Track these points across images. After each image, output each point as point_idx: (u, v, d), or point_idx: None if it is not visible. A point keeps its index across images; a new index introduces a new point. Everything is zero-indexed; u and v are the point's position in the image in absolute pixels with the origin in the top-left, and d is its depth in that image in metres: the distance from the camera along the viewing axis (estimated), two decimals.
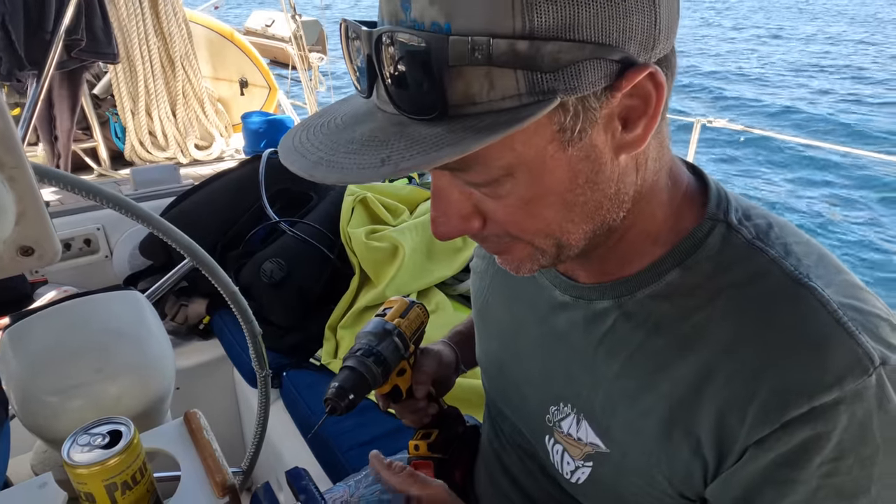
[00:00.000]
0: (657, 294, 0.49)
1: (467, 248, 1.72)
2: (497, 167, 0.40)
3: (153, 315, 0.84)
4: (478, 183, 0.42)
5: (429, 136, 0.36)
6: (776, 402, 0.41)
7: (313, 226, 1.69)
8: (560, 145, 0.40)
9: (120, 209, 0.80)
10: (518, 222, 0.44)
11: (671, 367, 0.47)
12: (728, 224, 0.48)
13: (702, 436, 0.46)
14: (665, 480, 0.49)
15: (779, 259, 0.46)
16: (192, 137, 2.64)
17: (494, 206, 0.44)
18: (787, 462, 0.42)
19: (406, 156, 0.36)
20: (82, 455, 0.58)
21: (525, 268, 0.49)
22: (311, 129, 0.43)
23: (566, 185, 0.42)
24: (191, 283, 1.76)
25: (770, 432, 0.42)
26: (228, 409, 1.76)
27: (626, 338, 0.50)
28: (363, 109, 0.42)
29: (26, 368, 0.73)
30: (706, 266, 0.47)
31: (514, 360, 0.64)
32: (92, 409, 0.73)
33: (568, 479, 0.57)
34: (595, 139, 0.40)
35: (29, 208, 0.46)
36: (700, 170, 0.54)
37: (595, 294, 0.53)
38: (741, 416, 0.43)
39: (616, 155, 0.42)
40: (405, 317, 0.73)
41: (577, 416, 0.55)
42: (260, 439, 1.18)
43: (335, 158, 0.38)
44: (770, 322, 0.44)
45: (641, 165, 0.45)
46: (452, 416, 0.82)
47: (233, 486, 0.63)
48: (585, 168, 0.41)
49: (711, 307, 0.46)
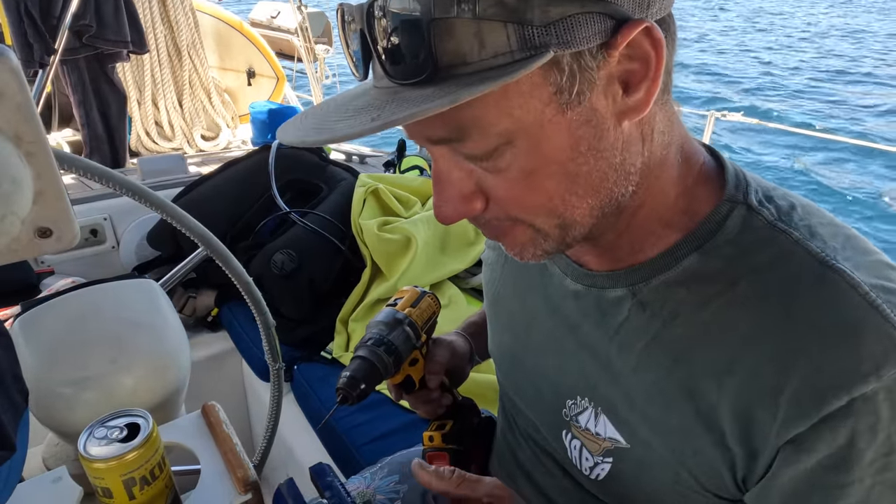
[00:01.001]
0: (673, 281, 0.47)
1: (480, 242, 1.70)
2: (495, 134, 0.39)
3: (168, 304, 0.82)
4: (477, 156, 0.41)
5: (420, 96, 0.36)
6: (810, 394, 0.39)
7: (324, 217, 1.66)
8: (558, 108, 0.38)
9: (134, 195, 0.78)
10: (520, 198, 0.43)
11: (691, 357, 0.45)
12: (748, 205, 0.46)
13: (726, 429, 0.43)
14: (691, 477, 0.47)
15: (803, 241, 0.43)
16: (198, 128, 2.62)
17: (495, 181, 0.42)
18: (835, 465, 0.39)
19: (396, 111, 0.36)
20: (99, 449, 0.56)
21: (528, 252, 0.47)
22: (307, 114, 0.44)
23: (567, 152, 0.40)
24: (199, 274, 1.73)
25: (808, 428, 0.39)
26: (237, 403, 1.74)
27: (642, 328, 0.48)
28: (359, 91, 0.43)
29: (38, 359, 0.71)
30: (726, 250, 0.45)
31: (527, 352, 0.63)
32: (106, 401, 0.70)
33: (587, 475, 0.55)
34: (595, 103, 0.39)
35: (48, 187, 0.44)
36: (717, 151, 0.51)
37: (608, 282, 0.51)
38: (772, 409, 0.41)
39: (619, 121, 0.41)
40: (416, 306, 0.72)
41: (596, 410, 0.53)
42: (272, 433, 1.16)
43: (326, 125, 0.39)
44: (796, 308, 0.41)
45: (647, 136, 0.43)
46: (467, 406, 0.80)
47: (255, 482, 0.60)
48: (587, 134, 0.40)
49: (732, 294, 0.44)
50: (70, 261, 1.81)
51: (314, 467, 0.62)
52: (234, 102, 2.86)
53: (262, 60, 2.98)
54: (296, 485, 0.61)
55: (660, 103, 0.43)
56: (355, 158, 2.39)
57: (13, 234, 0.42)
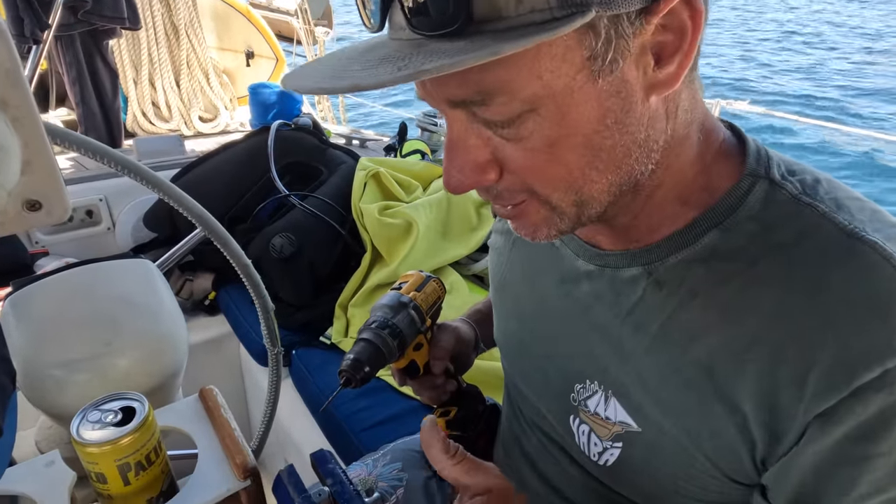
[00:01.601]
0: (692, 258, 0.45)
1: (483, 228, 1.67)
2: (521, 99, 0.37)
3: (164, 285, 0.79)
4: (498, 122, 0.39)
5: (450, 49, 0.33)
6: (841, 368, 0.37)
7: (324, 200, 1.63)
8: (589, 76, 0.37)
9: (130, 173, 0.75)
10: (538, 169, 0.41)
11: (710, 336, 0.43)
12: (771, 180, 0.44)
13: (748, 412, 0.42)
14: (707, 461, 0.45)
15: (829, 214, 0.41)
16: (196, 109, 2.58)
17: (514, 150, 0.40)
18: (864, 436, 0.38)
19: (426, 62, 0.33)
20: (93, 433, 0.54)
21: (542, 232, 0.46)
22: (316, 64, 0.41)
23: (594, 124, 0.38)
24: (197, 257, 1.71)
25: (837, 402, 0.38)
26: (235, 388, 1.73)
27: (657, 307, 0.47)
28: (371, 43, 0.40)
29: (29, 339, 0.69)
30: (748, 226, 0.43)
31: (534, 337, 0.61)
32: (99, 384, 0.68)
33: (595, 461, 0.54)
34: (626, 73, 0.37)
35: (36, 157, 0.41)
36: (737, 127, 0.50)
37: (622, 261, 0.50)
38: (799, 388, 0.39)
39: (647, 95, 0.39)
40: (421, 290, 0.70)
41: (606, 394, 0.52)
42: (270, 418, 1.15)
43: (346, 74, 0.36)
44: (824, 282, 0.39)
45: (672, 113, 0.42)
46: (472, 394, 0.79)
47: (255, 468, 0.58)
48: (615, 106, 0.38)
49: (754, 270, 0.42)
50: (65, 242, 1.78)
51: (315, 454, 0.60)
52: (233, 83, 2.81)
53: (262, 41, 2.92)
54: (296, 471, 0.59)
55: (686, 80, 0.41)
56: (356, 142, 2.36)
57: None
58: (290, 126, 1.91)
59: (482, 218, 1.70)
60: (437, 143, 2.15)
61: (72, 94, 2.22)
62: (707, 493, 0.48)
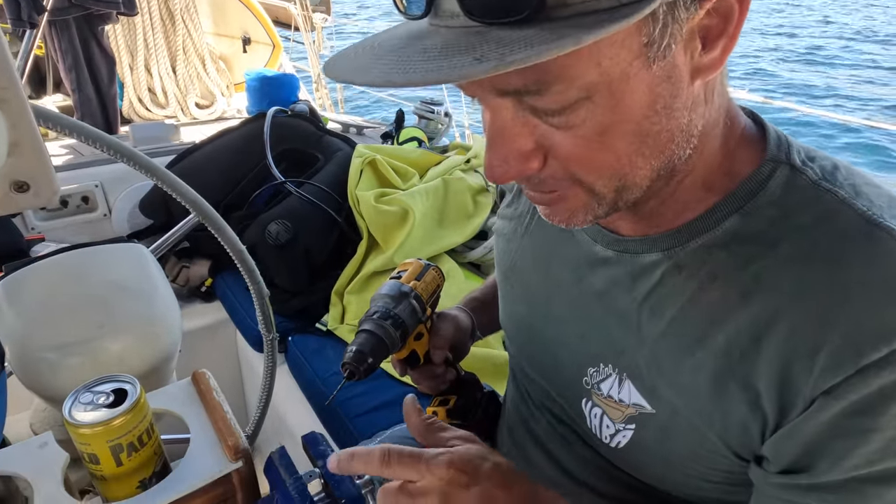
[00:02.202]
0: (713, 243, 0.46)
1: (479, 215, 1.67)
2: (578, 87, 0.36)
3: (158, 270, 0.80)
4: (550, 110, 0.38)
5: (521, 38, 0.32)
6: (850, 348, 0.38)
7: (320, 187, 1.63)
8: (645, 62, 0.36)
9: (123, 158, 0.75)
10: (586, 157, 0.40)
11: (728, 319, 0.44)
12: (791, 165, 0.45)
13: (761, 389, 0.42)
14: (718, 439, 0.46)
15: (849, 199, 0.42)
16: (192, 95, 2.56)
17: (563, 138, 0.40)
18: (861, 411, 0.39)
19: (507, 52, 0.31)
20: (85, 414, 0.54)
21: (578, 218, 0.45)
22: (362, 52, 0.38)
23: (644, 110, 0.38)
24: (193, 243, 1.71)
25: (843, 379, 0.38)
26: (231, 374, 1.73)
27: (676, 291, 0.47)
28: (415, 31, 0.38)
29: (22, 323, 0.69)
30: (769, 211, 0.44)
31: (545, 322, 0.61)
32: (92, 367, 0.69)
33: (607, 443, 0.55)
34: (677, 58, 0.37)
35: (23, 138, 0.41)
36: (757, 114, 0.50)
37: (642, 247, 0.50)
38: (808, 364, 0.40)
39: (692, 79, 0.39)
40: (421, 279, 0.70)
41: (620, 377, 0.52)
42: (265, 404, 1.15)
43: (412, 66, 0.34)
44: (842, 266, 0.40)
45: (709, 97, 0.42)
46: (470, 381, 0.79)
47: (246, 449, 0.59)
48: (665, 91, 0.38)
49: (774, 254, 0.43)
50: (61, 228, 1.78)
51: (307, 436, 0.61)
52: (229, 70, 2.80)
53: (258, 27, 2.90)
54: (287, 453, 0.60)
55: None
56: (352, 129, 2.35)
57: None
58: (287, 113, 1.90)
59: (478, 206, 1.70)
60: (433, 131, 2.14)
61: (67, 80, 2.21)
62: (714, 472, 0.49)
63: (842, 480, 0.40)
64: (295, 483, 0.57)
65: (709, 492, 0.51)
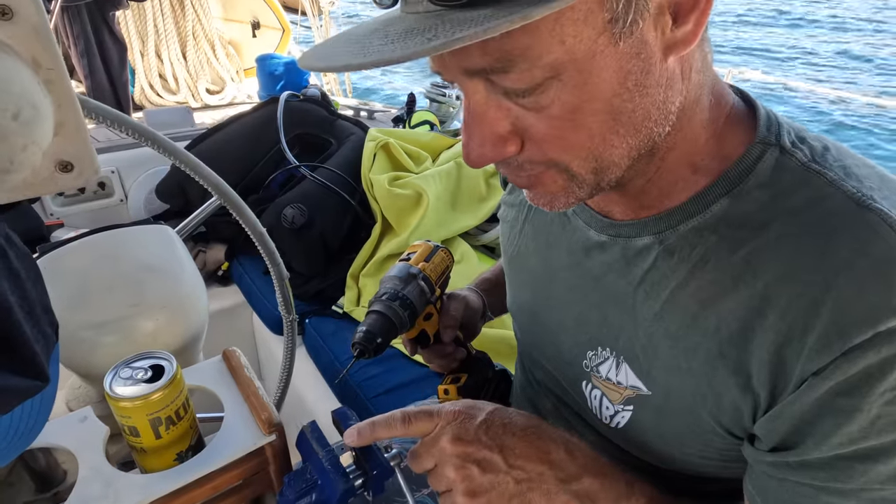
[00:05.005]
0: (703, 226, 0.46)
1: (492, 198, 1.68)
2: (543, 66, 0.37)
3: (184, 250, 0.81)
4: (519, 90, 0.39)
5: (476, 17, 0.33)
6: (837, 331, 0.38)
7: (334, 171, 1.64)
8: (611, 38, 0.36)
9: (147, 141, 0.76)
10: (560, 138, 0.41)
11: (719, 301, 0.44)
12: (781, 147, 0.44)
13: (753, 371, 0.43)
14: (711, 419, 0.47)
15: (838, 181, 0.42)
16: (203, 81, 2.56)
17: (536, 120, 0.40)
18: (846, 391, 0.39)
19: (455, 31, 0.33)
20: (125, 388, 0.56)
21: (560, 201, 0.46)
22: (332, 43, 0.40)
23: (615, 87, 0.38)
24: (209, 228, 1.73)
25: (830, 361, 0.39)
26: (249, 356, 1.73)
27: (669, 274, 0.48)
28: (384, 20, 0.39)
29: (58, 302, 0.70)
30: (758, 194, 0.44)
31: (547, 307, 0.62)
32: (127, 345, 0.71)
33: (607, 423, 0.56)
34: (646, 34, 0.37)
35: (68, 118, 0.42)
36: (747, 93, 0.50)
37: (634, 231, 0.50)
38: (799, 347, 0.40)
39: (665, 56, 0.39)
40: (430, 261, 0.71)
41: (617, 360, 0.53)
42: (286, 384, 1.17)
43: (370, 50, 0.36)
44: (831, 248, 0.40)
45: (686, 74, 0.42)
46: (481, 360, 0.80)
47: (279, 423, 0.61)
48: (635, 68, 0.38)
49: (765, 236, 0.43)
50: (79, 213, 1.80)
51: (337, 411, 0.62)
52: (239, 55, 2.79)
53: (268, 11, 2.89)
54: (318, 427, 0.61)
55: (699, 40, 0.41)
56: (364, 113, 2.35)
57: (34, 165, 0.40)
58: (299, 97, 1.91)
59: (491, 188, 1.71)
60: (445, 114, 2.14)
61: (80, 66, 2.22)
62: (710, 449, 0.49)
63: (828, 458, 0.41)
64: (328, 455, 0.58)
65: (706, 467, 0.52)
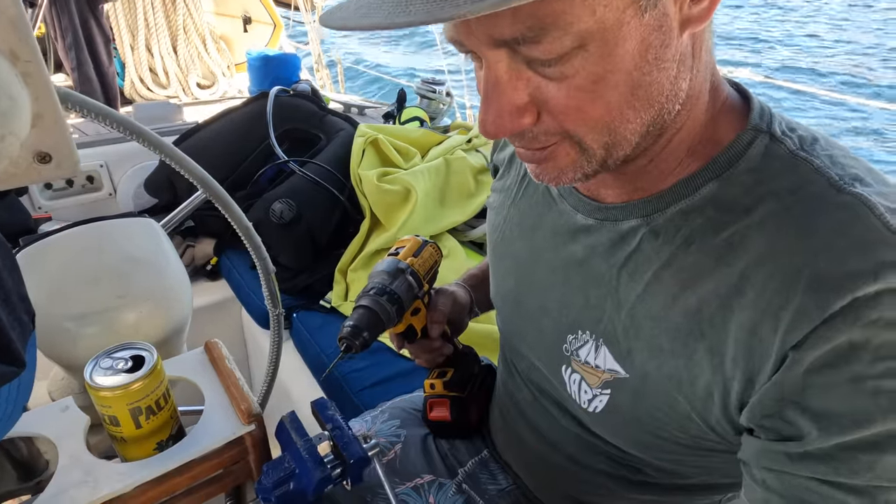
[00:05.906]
0: (690, 209, 0.46)
1: (480, 194, 1.69)
2: (573, 35, 0.37)
3: (168, 243, 0.82)
4: (545, 60, 0.39)
5: None
6: (815, 300, 0.38)
7: (323, 166, 1.64)
8: (637, 10, 0.37)
9: (133, 135, 0.76)
10: (578, 109, 0.41)
11: (700, 282, 0.45)
12: (771, 135, 0.45)
13: (728, 351, 0.43)
14: (687, 403, 0.47)
15: (823, 168, 0.43)
16: (193, 75, 2.56)
17: (556, 90, 0.40)
18: (829, 363, 0.38)
19: None
20: (105, 378, 0.57)
21: (567, 176, 0.46)
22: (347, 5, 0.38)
23: (636, 60, 0.39)
24: (198, 222, 1.73)
25: (810, 331, 0.38)
26: (237, 350, 1.76)
27: (652, 255, 0.48)
28: None
29: (40, 293, 0.71)
30: (746, 178, 0.45)
31: (530, 292, 0.62)
32: (109, 336, 0.71)
33: (585, 408, 0.56)
34: (668, 7, 0.38)
35: (46, 110, 0.43)
36: (741, 85, 0.51)
37: (622, 213, 0.51)
38: (774, 323, 0.40)
39: (681, 30, 0.40)
40: (418, 256, 0.72)
41: (596, 343, 0.54)
42: (272, 377, 1.18)
43: (412, 7, 0.33)
44: (810, 229, 0.41)
45: (697, 53, 0.43)
46: (467, 355, 0.81)
47: (258, 413, 0.62)
48: (656, 41, 0.39)
49: (748, 219, 0.43)
50: (67, 207, 1.80)
51: (316, 401, 0.63)
52: (230, 49, 2.78)
53: (259, 6, 2.88)
54: (297, 417, 0.62)
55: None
56: (354, 109, 2.35)
57: (12, 155, 0.41)
58: (289, 92, 1.91)
59: (480, 185, 1.72)
60: (435, 111, 2.14)
61: (67, 60, 2.21)
62: (685, 436, 0.50)
63: (829, 447, 0.39)
64: (305, 444, 0.59)
65: (683, 456, 0.52)
